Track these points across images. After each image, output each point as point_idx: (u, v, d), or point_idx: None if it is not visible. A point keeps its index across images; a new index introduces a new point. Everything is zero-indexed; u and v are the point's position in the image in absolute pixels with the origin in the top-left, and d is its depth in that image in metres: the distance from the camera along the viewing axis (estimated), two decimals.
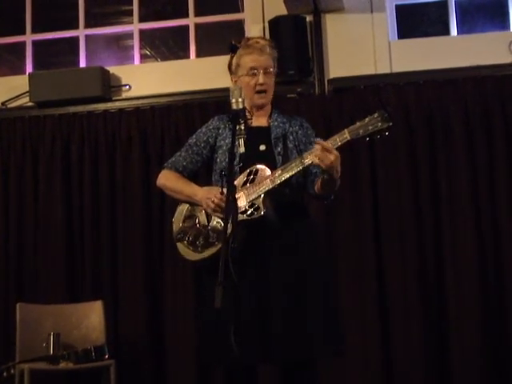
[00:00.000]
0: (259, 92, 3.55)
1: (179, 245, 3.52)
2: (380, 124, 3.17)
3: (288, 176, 3.30)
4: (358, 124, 3.21)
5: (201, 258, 3.43)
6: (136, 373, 5.86)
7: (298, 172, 3.31)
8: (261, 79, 3.54)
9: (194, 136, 3.68)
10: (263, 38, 3.76)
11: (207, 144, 3.61)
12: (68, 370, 5.43)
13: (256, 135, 3.49)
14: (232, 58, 3.66)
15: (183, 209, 3.57)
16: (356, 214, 5.83)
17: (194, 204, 3.51)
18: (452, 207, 5.73)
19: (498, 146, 5.75)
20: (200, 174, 3.80)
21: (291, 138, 3.54)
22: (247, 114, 3.45)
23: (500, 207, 5.69)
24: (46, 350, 5.34)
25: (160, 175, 3.70)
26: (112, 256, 6.11)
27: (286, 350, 3.24)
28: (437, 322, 5.66)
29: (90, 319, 5.73)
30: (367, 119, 3.19)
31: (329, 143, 3.21)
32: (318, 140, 3.25)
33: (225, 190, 3.18)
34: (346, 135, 3.21)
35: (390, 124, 3.17)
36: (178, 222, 3.56)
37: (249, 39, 3.67)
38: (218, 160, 3.53)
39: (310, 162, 3.26)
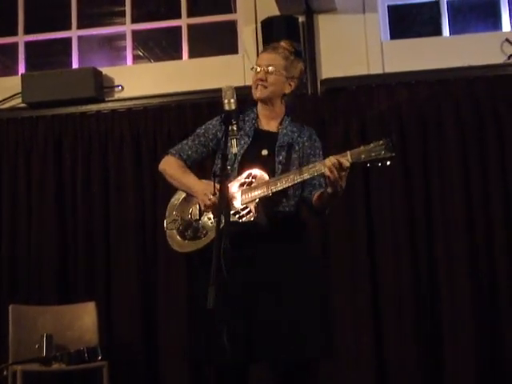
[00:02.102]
0: (255, 85, 3.54)
1: (169, 232, 3.52)
2: (383, 152, 3.12)
3: (284, 187, 3.29)
4: (361, 148, 3.17)
5: (186, 251, 3.44)
6: (129, 374, 5.85)
7: (295, 184, 3.31)
8: (258, 75, 3.53)
9: (203, 126, 3.66)
10: (288, 41, 3.66)
11: (215, 137, 3.59)
12: (61, 372, 5.43)
13: (262, 139, 3.50)
14: None
15: (179, 197, 3.58)
16: (349, 213, 5.83)
17: (190, 195, 3.52)
18: (444, 207, 5.75)
19: (490, 145, 5.77)
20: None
21: (297, 148, 3.51)
22: (240, 115, 3.43)
23: (493, 206, 5.71)
24: (39, 351, 5.34)
25: (163, 160, 3.67)
26: (105, 257, 6.11)
27: (275, 351, 3.23)
28: (430, 322, 5.68)
29: (82, 320, 5.72)
30: (372, 145, 3.14)
31: (346, 161, 3.15)
32: (338, 157, 3.16)
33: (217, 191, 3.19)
34: (347, 157, 3.16)
35: (393, 155, 3.13)
36: (171, 209, 3.57)
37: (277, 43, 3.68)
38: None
39: (308, 176, 3.26)
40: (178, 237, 3.47)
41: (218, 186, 3.17)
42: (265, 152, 3.48)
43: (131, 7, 6.72)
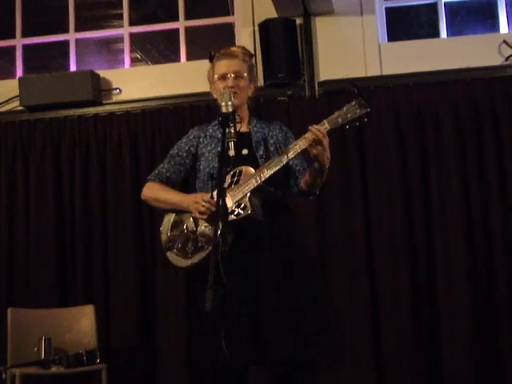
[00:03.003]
0: None
1: (169, 254, 3.53)
2: (358, 111, 3.24)
3: (273, 172, 3.33)
4: (336, 113, 3.28)
5: (191, 264, 3.43)
6: (127, 377, 5.85)
7: (283, 167, 3.34)
8: (230, 82, 3.57)
9: (175, 147, 3.73)
10: (240, 46, 3.80)
11: (189, 153, 3.65)
12: (59, 375, 5.42)
13: (238, 140, 3.51)
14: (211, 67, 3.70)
15: (170, 218, 3.59)
16: (347, 215, 5.83)
17: (180, 212, 3.52)
18: (442, 208, 5.75)
19: (487, 147, 5.77)
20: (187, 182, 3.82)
21: (271, 141, 3.59)
22: (237, 117, 3.46)
23: (491, 208, 5.71)
24: (38, 354, 5.34)
25: (144, 188, 3.74)
26: (103, 260, 6.10)
27: (278, 352, 3.23)
28: (428, 322, 5.68)
29: (81, 323, 5.72)
30: (345, 108, 3.27)
31: (321, 127, 3.24)
32: (310, 127, 3.26)
33: (214, 194, 3.20)
34: (325, 125, 3.27)
35: (368, 110, 3.21)
36: (165, 231, 3.59)
37: (225, 48, 3.73)
38: (202, 167, 3.57)
39: (293, 155, 3.30)
40: (179, 254, 3.48)
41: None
42: (245, 151, 3.53)
43: (129, 10, 6.72)
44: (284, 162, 3.32)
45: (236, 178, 3.39)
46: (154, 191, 3.68)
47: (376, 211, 5.83)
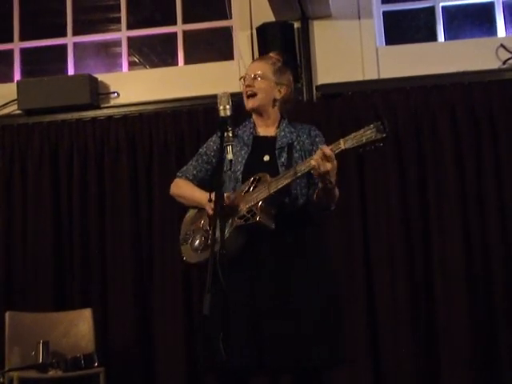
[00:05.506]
0: (246, 96, 3.57)
1: (183, 247, 3.56)
2: (374, 135, 3.17)
3: (281, 185, 3.31)
4: (352, 134, 3.22)
5: (198, 261, 3.47)
6: (125, 380, 5.84)
7: (292, 182, 3.32)
8: (246, 81, 3.58)
9: (204, 145, 3.73)
10: (278, 52, 3.81)
11: (217, 153, 3.63)
12: (57, 378, 5.39)
13: (261, 145, 3.53)
14: None
15: (191, 213, 3.64)
16: (344, 217, 5.82)
17: (201, 209, 3.54)
18: (440, 212, 5.75)
19: (485, 151, 5.78)
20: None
21: (298, 147, 3.54)
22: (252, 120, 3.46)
23: (488, 212, 5.72)
24: (35, 358, 5.33)
25: (172, 184, 3.77)
26: (101, 264, 6.10)
27: (279, 357, 3.23)
28: (425, 323, 5.69)
29: (79, 327, 5.72)
30: (362, 130, 3.20)
31: (329, 150, 3.20)
32: (322, 146, 3.25)
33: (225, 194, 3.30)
34: (340, 145, 3.22)
35: (384, 135, 3.16)
36: (185, 225, 3.63)
37: None
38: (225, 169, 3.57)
39: (301, 173, 3.27)
40: (190, 250, 3.51)
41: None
42: (267, 158, 3.51)
43: (126, 14, 6.73)
44: (293, 177, 3.29)
45: (255, 184, 3.38)
46: (179, 187, 3.71)
47: (373, 214, 5.84)
